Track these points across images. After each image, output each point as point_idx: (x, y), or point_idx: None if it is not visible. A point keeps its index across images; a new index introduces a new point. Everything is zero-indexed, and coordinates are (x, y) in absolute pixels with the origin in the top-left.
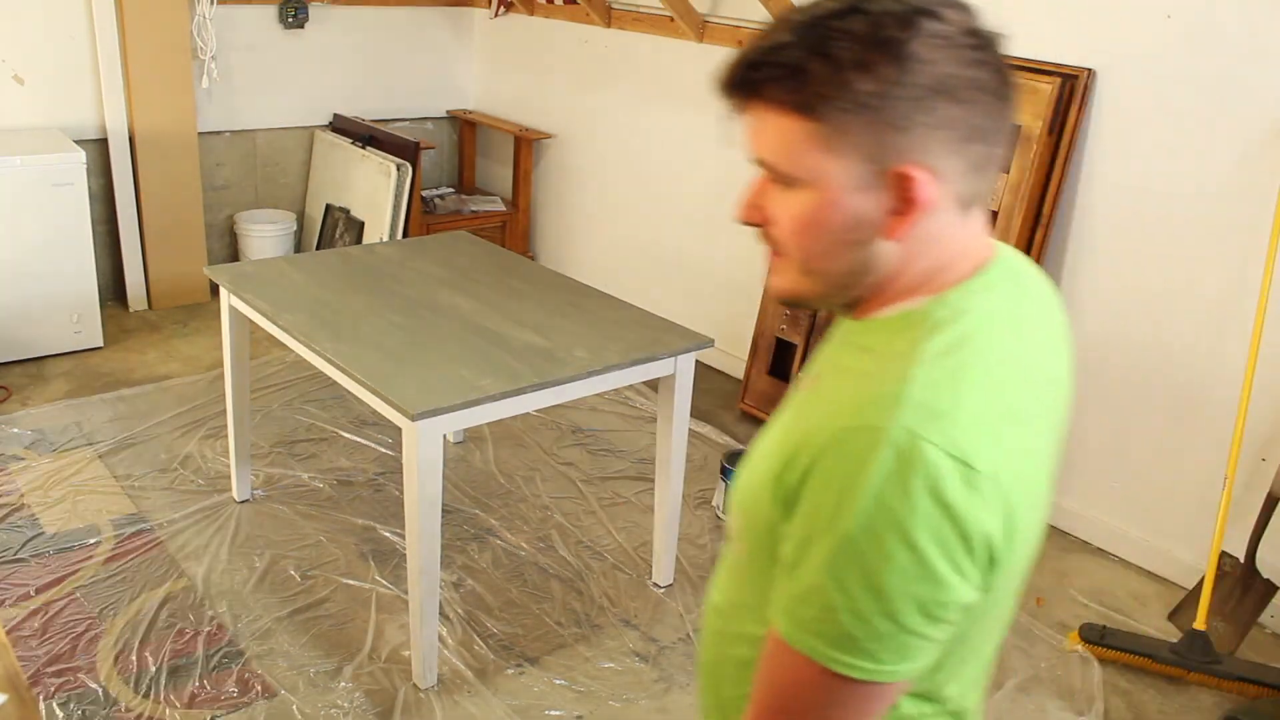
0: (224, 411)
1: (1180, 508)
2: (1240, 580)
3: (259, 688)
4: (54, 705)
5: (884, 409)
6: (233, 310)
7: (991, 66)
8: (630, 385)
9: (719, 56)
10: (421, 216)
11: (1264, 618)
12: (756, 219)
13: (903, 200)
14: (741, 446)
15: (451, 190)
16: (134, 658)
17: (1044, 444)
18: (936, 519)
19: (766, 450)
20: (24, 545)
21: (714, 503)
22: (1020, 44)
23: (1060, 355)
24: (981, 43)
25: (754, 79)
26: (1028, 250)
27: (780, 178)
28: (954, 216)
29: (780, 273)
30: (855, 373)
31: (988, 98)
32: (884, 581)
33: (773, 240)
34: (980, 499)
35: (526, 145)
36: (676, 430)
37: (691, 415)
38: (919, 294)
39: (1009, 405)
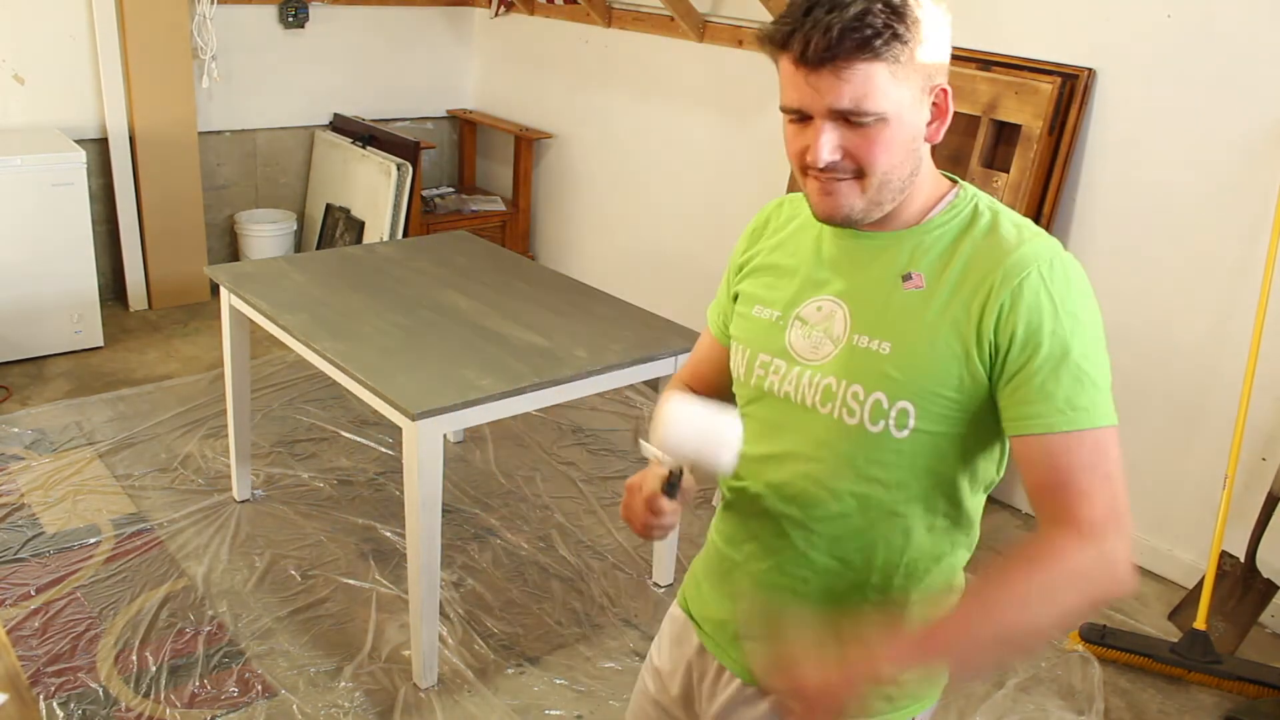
0: (224, 411)
1: (1180, 508)
2: (1241, 580)
3: (259, 687)
4: (54, 705)
5: (1051, 249)
6: (233, 310)
7: None
8: (630, 385)
9: (719, 56)
10: (421, 216)
11: (1264, 618)
12: (840, 156)
13: (939, 109)
14: None
15: (451, 190)
16: (134, 657)
17: None
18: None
19: (914, 346)
20: (24, 545)
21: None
22: (1020, 44)
23: None
24: None
25: (849, 42)
26: None
27: (862, 115)
28: None
29: (846, 195)
30: (985, 250)
31: None
32: (1102, 348)
33: (853, 170)
34: None
35: (526, 145)
36: None
37: None
38: (937, 198)
39: None
